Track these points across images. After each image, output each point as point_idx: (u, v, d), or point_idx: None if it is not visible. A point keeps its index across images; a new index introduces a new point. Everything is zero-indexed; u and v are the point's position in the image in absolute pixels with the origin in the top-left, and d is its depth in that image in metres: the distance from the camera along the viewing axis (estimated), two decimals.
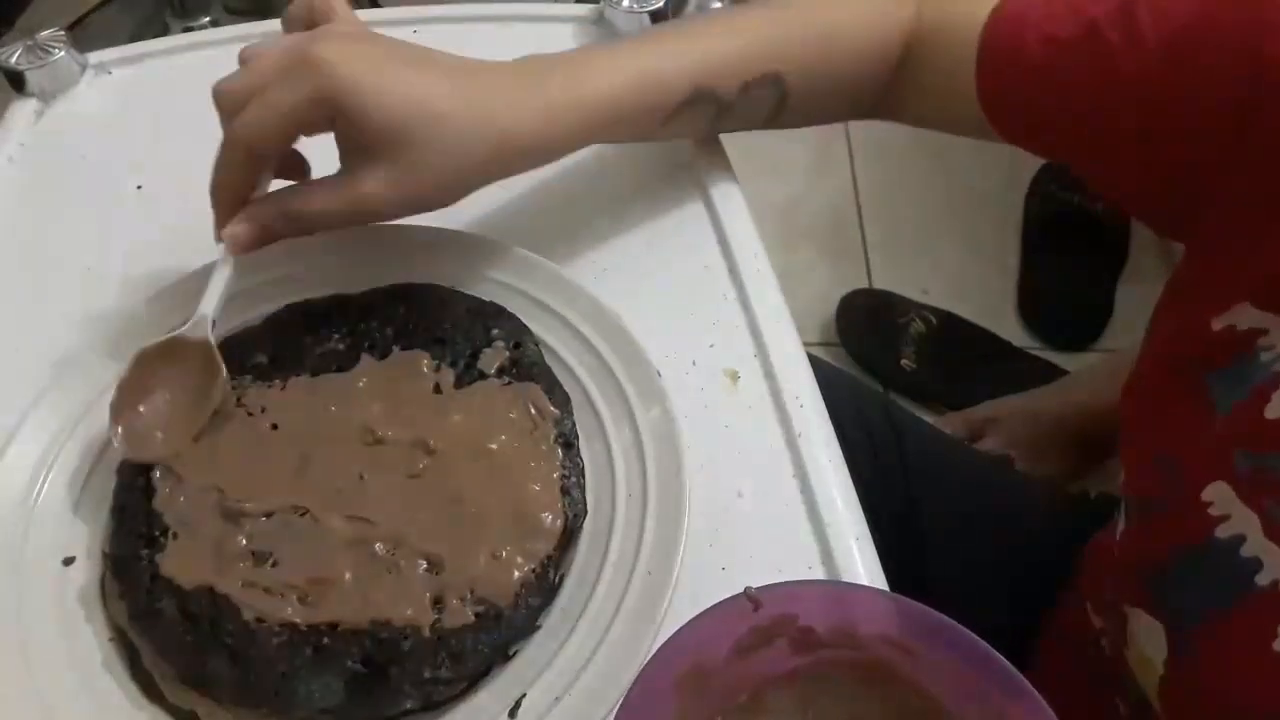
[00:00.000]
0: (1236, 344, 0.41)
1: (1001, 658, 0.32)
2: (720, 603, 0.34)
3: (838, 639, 0.35)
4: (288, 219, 0.43)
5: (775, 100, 0.52)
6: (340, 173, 0.44)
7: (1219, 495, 0.41)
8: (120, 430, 0.43)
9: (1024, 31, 0.48)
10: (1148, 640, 0.45)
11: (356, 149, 0.42)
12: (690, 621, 0.34)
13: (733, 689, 0.36)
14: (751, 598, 0.34)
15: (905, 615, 0.34)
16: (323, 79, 0.40)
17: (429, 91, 0.42)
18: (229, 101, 0.42)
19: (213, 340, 0.44)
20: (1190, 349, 0.44)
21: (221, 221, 0.43)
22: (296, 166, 0.47)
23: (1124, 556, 0.49)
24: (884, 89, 0.54)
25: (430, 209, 0.46)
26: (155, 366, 0.44)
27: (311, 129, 0.42)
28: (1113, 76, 0.44)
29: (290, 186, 0.45)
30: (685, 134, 0.54)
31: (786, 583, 0.35)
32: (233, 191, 0.43)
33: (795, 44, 0.52)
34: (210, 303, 0.44)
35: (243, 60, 0.44)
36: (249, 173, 0.43)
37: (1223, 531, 0.40)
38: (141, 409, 0.43)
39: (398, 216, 0.45)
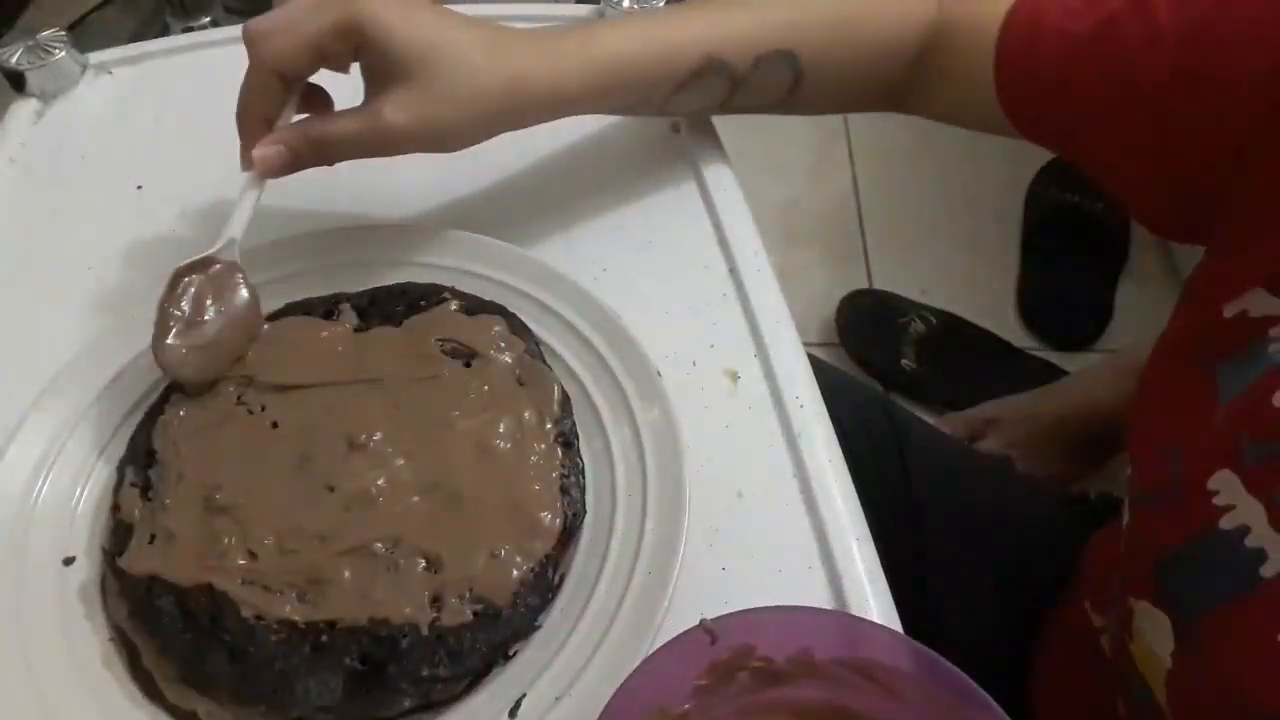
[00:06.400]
0: (1248, 332, 0.40)
1: (946, 663, 0.32)
2: (677, 637, 0.34)
3: (797, 668, 0.35)
4: (312, 144, 0.45)
5: (790, 78, 0.52)
6: (363, 102, 0.46)
7: (1224, 484, 0.40)
8: (162, 349, 0.44)
9: (1042, 28, 0.47)
10: (1154, 634, 0.45)
11: (379, 77, 0.45)
12: (648, 659, 0.33)
13: None
14: (708, 629, 0.34)
15: (854, 633, 0.34)
16: (349, 7, 0.43)
17: (450, 28, 0.45)
18: (258, 33, 0.44)
19: (238, 260, 0.46)
20: (1201, 337, 0.43)
21: (248, 145, 0.45)
22: (320, 101, 0.48)
23: (1129, 549, 0.48)
24: (903, 81, 0.54)
25: (447, 148, 0.47)
26: (190, 289, 0.45)
27: (336, 57, 0.44)
28: (1130, 72, 0.43)
29: (314, 114, 0.47)
30: (701, 107, 0.54)
31: (742, 612, 0.34)
32: (258, 115, 0.45)
33: (812, 22, 0.52)
34: (237, 226, 0.46)
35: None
36: (274, 96, 0.45)
37: (1227, 522, 0.40)
38: (182, 330, 0.45)
39: (416, 148, 0.46)
